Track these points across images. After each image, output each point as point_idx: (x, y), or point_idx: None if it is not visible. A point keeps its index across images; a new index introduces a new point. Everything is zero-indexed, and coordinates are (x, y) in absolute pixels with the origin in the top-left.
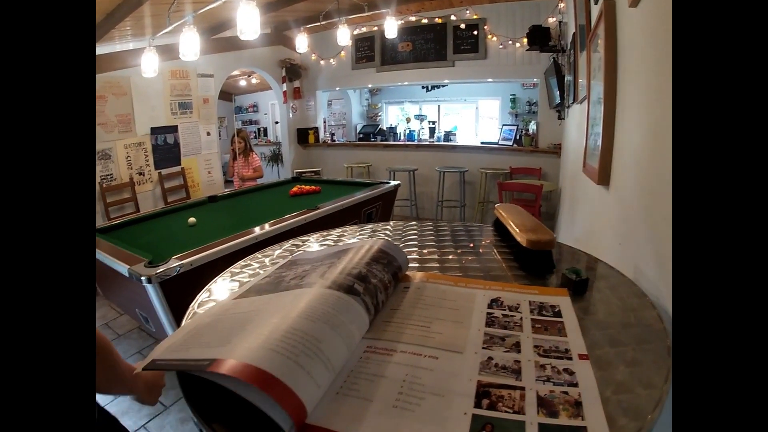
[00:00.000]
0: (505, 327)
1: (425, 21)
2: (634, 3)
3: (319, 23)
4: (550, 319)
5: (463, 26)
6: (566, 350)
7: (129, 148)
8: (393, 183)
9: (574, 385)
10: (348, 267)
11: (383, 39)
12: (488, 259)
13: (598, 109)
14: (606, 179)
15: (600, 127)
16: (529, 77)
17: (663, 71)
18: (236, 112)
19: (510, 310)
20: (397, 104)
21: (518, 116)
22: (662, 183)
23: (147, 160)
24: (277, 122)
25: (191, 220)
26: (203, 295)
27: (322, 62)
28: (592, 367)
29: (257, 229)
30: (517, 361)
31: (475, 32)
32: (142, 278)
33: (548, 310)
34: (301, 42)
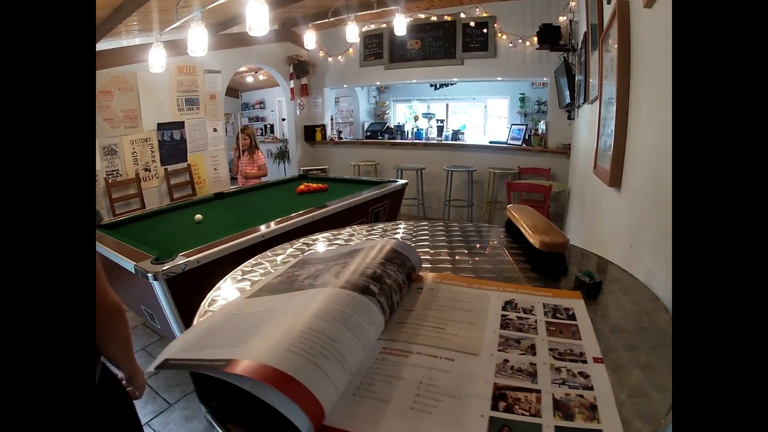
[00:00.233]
0: (520, 329)
1: (434, 18)
2: (648, 4)
3: (327, 20)
4: (564, 321)
5: (472, 24)
6: (581, 353)
7: (135, 144)
8: (401, 182)
9: (589, 389)
10: (362, 267)
11: (392, 36)
12: (500, 261)
13: (610, 110)
14: (617, 181)
15: (612, 128)
16: (538, 76)
17: None
18: (243, 108)
19: (524, 312)
20: (404, 102)
21: (527, 116)
22: None
23: (153, 156)
24: (284, 119)
25: (198, 217)
26: (214, 294)
27: (330, 59)
28: (606, 371)
29: (264, 227)
30: (532, 363)
31: (485, 30)
32: (149, 275)
33: (562, 313)
34: (309, 39)
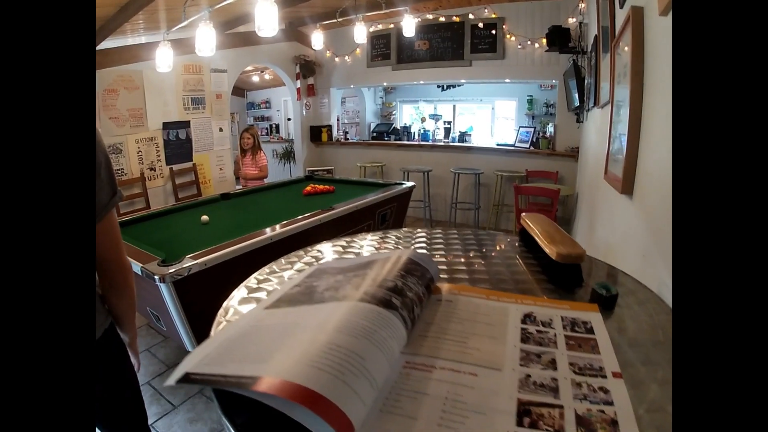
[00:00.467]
0: (540, 343)
1: (443, 19)
2: (665, 12)
3: (335, 20)
4: (583, 335)
5: (481, 25)
6: (600, 368)
7: (140, 143)
8: (408, 184)
9: (609, 404)
10: (382, 279)
11: (399, 37)
12: (516, 271)
13: (622, 116)
14: (630, 188)
15: (624, 135)
16: (547, 78)
17: None
18: (248, 108)
19: (543, 325)
20: (411, 103)
21: (535, 118)
22: None
23: (158, 156)
24: (289, 119)
25: (204, 218)
26: (230, 303)
27: (337, 59)
28: (625, 385)
29: (271, 229)
30: (554, 378)
31: (494, 32)
32: (156, 277)
33: (580, 327)
34: (317, 39)
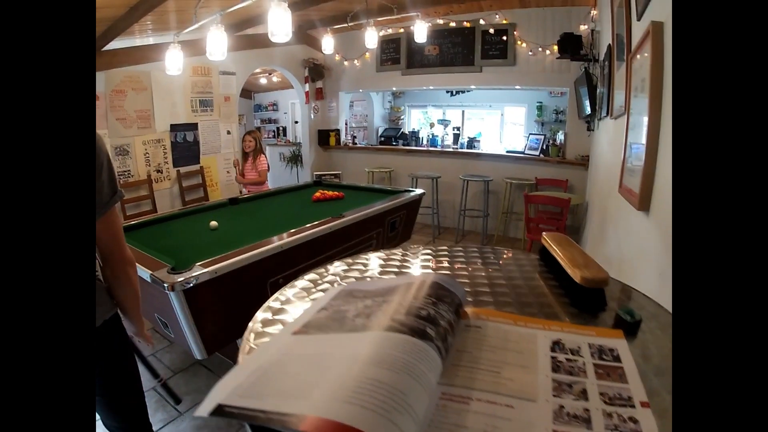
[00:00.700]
0: (571, 372)
1: (453, 24)
2: None
3: (346, 24)
4: (610, 364)
5: (492, 31)
6: (629, 397)
7: (147, 145)
8: (417, 191)
9: None
10: (414, 306)
11: (409, 41)
12: (539, 293)
13: (639, 131)
14: (647, 205)
15: (642, 150)
16: (558, 86)
17: None
18: (255, 110)
19: (572, 353)
20: (420, 108)
21: (544, 124)
22: None
23: (165, 158)
24: (296, 122)
25: (213, 223)
26: (255, 325)
27: (346, 63)
28: (653, 415)
29: (281, 237)
30: (586, 409)
31: (504, 38)
32: (165, 285)
33: (607, 354)
34: (327, 43)
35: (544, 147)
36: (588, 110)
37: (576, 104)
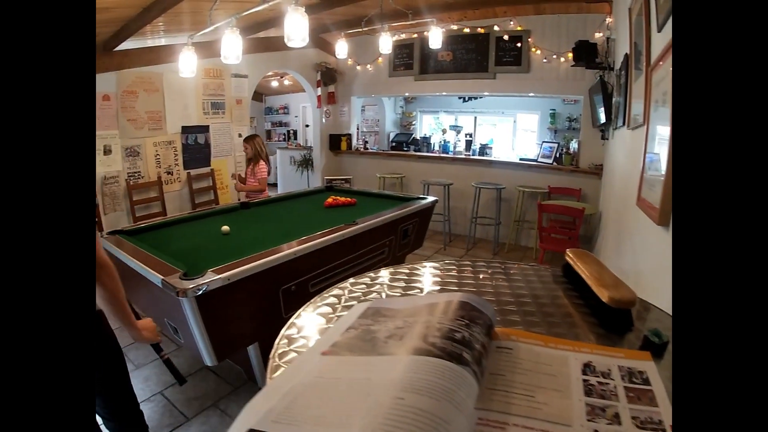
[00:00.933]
0: (603, 396)
1: (467, 30)
2: None
3: (360, 29)
4: (640, 387)
5: (506, 37)
6: (659, 421)
7: (158, 146)
8: (430, 199)
9: None
10: (449, 329)
11: (423, 47)
12: (566, 313)
13: (660, 145)
14: (667, 220)
15: (662, 164)
16: (572, 94)
17: None
18: (266, 113)
19: (603, 376)
20: (431, 113)
21: (557, 132)
22: None
23: (176, 160)
24: (307, 125)
25: (225, 228)
26: (281, 344)
27: (359, 67)
28: None
29: (296, 244)
30: None
31: (519, 44)
32: (178, 291)
33: (637, 377)
34: (341, 48)
35: (558, 155)
36: (602, 119)
37: (590, 112)
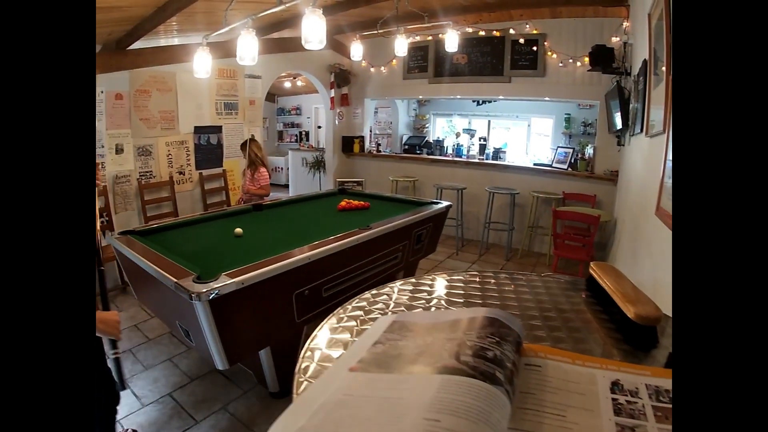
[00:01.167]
0: (632, 416)
1: (482, 33)
2: None
3: (375, 32)
4: (668, 406)
5: (522, 41)
6: None
7: (171, 146)
8: (444, 203)
9: None
10: (480, 347)
11: (437, 49)
12: (591, 329)
13: None
14: None
15: None
16: (588, 98)
17: None
18: (278, 113)
19: (631, 395)
20: (445, 116)
21: (572, 137)
22: None
23: (188, 160)
24: (320, 127)
25: (238, 230)
26: (305, 354)
27: (373, 69)
28: None
29: (310, 248)
30: None
31: (535, 48)
32: (192, 296)
33: (664, 396)
34: (356, 50)
35: (572, 160)
36: (619, 125)
37: (606, 118)
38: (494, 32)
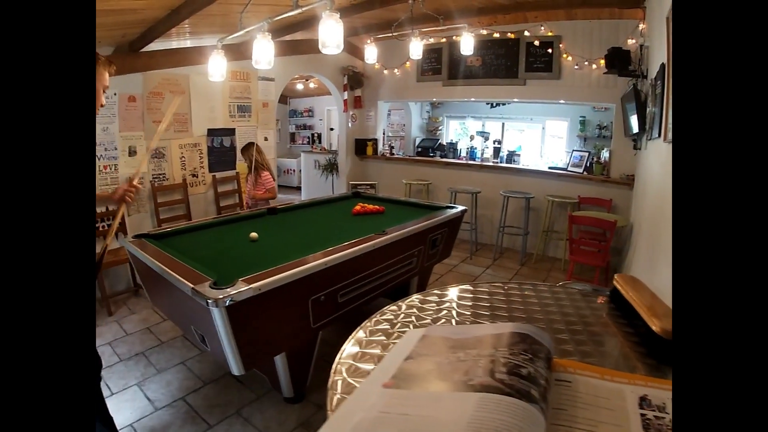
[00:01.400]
0: (660, 431)
1: (497, 35)
2: None
3: (390, 34)
4: None
5: (536, 43)
6: None
7: (184, 149)
8: (459, 208)
9: None
10: (514, 364)
11: (451, 52)
12: (616, 342)
13: None
14: None
15: None
16: (604, 101)
17: None
18: (290, 115)
19: (659, 410)
20: (458, 119)
21: (587, 140)
22: None
23: (201, 162)
24: (332, 129)
25: (253, 235)
26: (338, 368)
27: (386, 72)
28: None
29: (326, 254)
30: None
31: (550, 50)
32: (209, 302)
33: None
34: (371, 53)
35: (588, 164)
36: (635, 128)
37: (622, 121)
38: (509, 34)
